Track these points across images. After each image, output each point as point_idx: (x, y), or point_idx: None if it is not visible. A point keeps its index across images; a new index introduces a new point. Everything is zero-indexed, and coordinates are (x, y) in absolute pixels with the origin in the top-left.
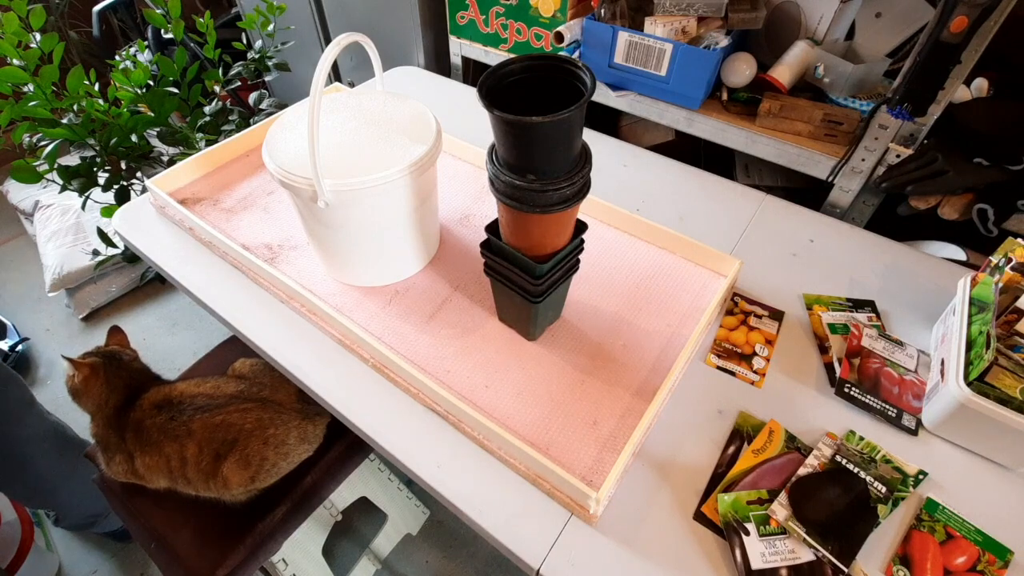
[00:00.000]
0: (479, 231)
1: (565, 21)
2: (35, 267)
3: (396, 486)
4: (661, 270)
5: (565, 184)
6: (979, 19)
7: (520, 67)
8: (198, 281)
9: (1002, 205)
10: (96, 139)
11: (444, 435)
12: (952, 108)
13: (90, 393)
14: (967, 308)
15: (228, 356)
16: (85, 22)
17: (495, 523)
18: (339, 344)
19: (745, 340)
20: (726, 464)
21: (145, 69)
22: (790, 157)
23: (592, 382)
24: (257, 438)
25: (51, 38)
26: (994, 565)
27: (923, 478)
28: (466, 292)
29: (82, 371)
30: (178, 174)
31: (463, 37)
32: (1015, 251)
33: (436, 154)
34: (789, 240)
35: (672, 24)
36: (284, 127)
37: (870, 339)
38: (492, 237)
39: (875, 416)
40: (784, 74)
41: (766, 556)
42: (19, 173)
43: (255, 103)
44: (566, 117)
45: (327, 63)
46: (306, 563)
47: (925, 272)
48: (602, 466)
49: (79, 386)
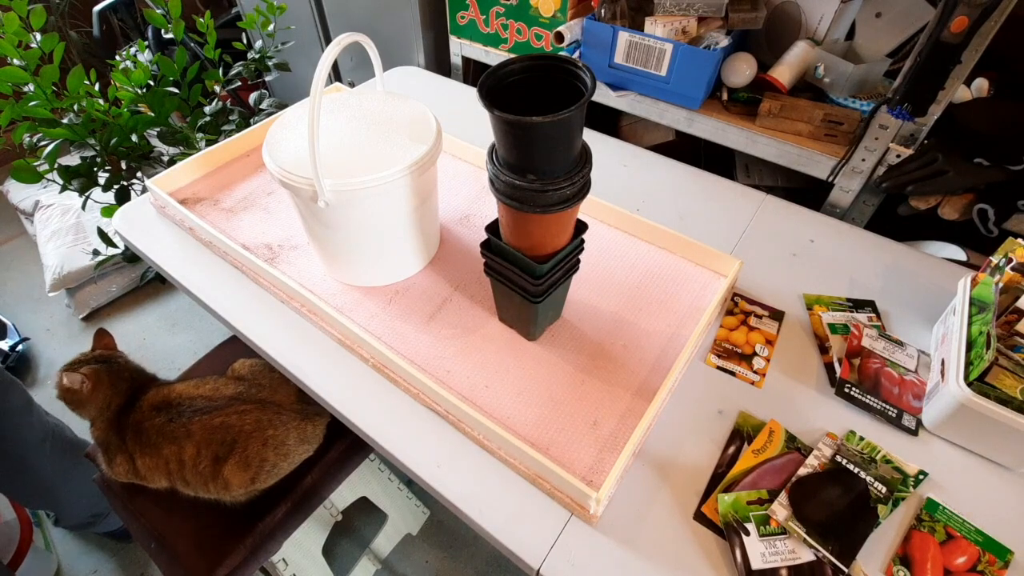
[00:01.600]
0: (479, 231)
1: (565, 21)
2: (35, 267)
3: (396, 486)
4: (661, 270)
5: (565, 184)
6: (979, 19)
7: (520, 67)
8: (198, 281)
9: (1002, 205)
10: (96, 139)
11: (444, 435)
12: (952, 108)
13: (94, 400)
14: (967, 308)
15: (228, 356)
16: (85, 22)
17: (495, 523)
18: (339, 344)
19: (745, 340)
20: (726, 464)
21: (145, 69)
22: (790, 157)
23: (592, 382)
24: (257, 439)
25: (51, 38)
26: (994, 565)
27: (923, 478)
28: (466, 292)
29: (90, 380)
30: (178, 174)
31: (463, 37)
32: (1015, 251)
33: (436, 154)
34: (789, 240)
35: (672, 24)
36: (284, 127)
37: (870, 339)
38: (492, 237)
39: (875, 416)
40: (784, 74)
41: (766, 556)
42: (19, 173)
43: (255, 103)
44: (566, 117)
45: (327, 63)
46: (306, 563)
47: (925, 272)
48: (602, 466)
49: (85, 396)
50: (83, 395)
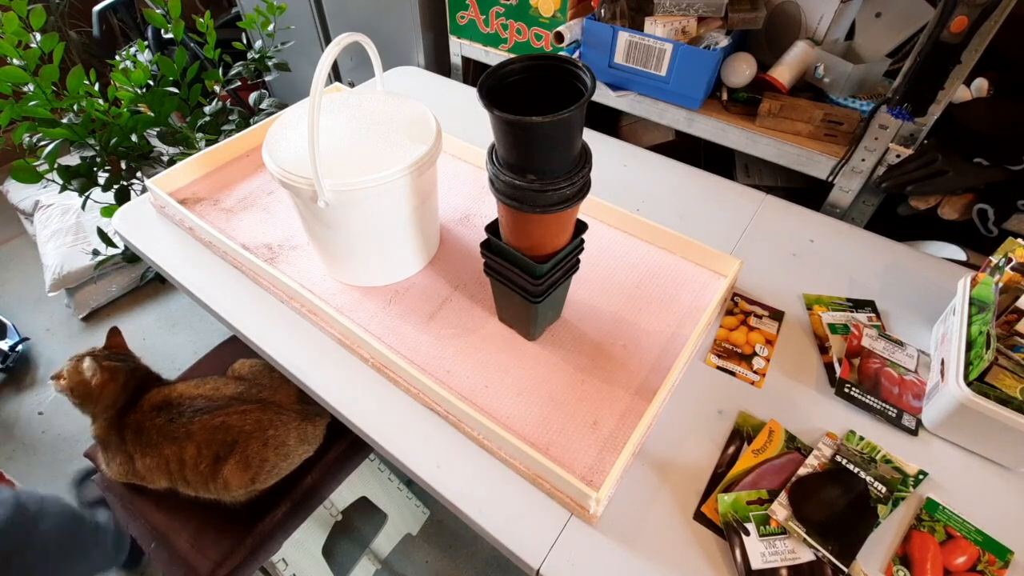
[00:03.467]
0: (479, 231)
1: (565, 21)
2: (35, 267)
3: (396, 486)
4: (661, 270)
5: (565, 184)
6: (979, 19)
7: (520, 67)
8: (198, 281)
9: (1002, 205)
10: (96, 139)
11: (444, 435)
12: (952, 108)
13: (103, 396)
14: (967, 308)
15: (228, 356)
16: (85, 22)
17: (495, 523)
18: (339, 344)
19: (745, 340)
20: (726, 464)
21: (145, 69)
22: (790, 157)
23: (592, 382)
24: (257, 439)
25: (51, 38)
26: (994, 565)
27: (923, 478)
28: (466, 292)
29: (107, 374)
30: (178, 174)
31: (463, 37)
32: (1015, 251)
33: (436, 154)
34: (789, 240)
35: (672, 24)
36: (284, 127)
37: (870, 339)
38: (492, 237)
39: (875, 416)
40: (784, 74)
41: (766, 556)
42: (19, 173)
43: (255, 103)
44: (566, 117)
45: (327, 63)
46: (306, 563)
47: (925, 272)
48: (602, 466)
49: (95, 390)
50: (92, 389)
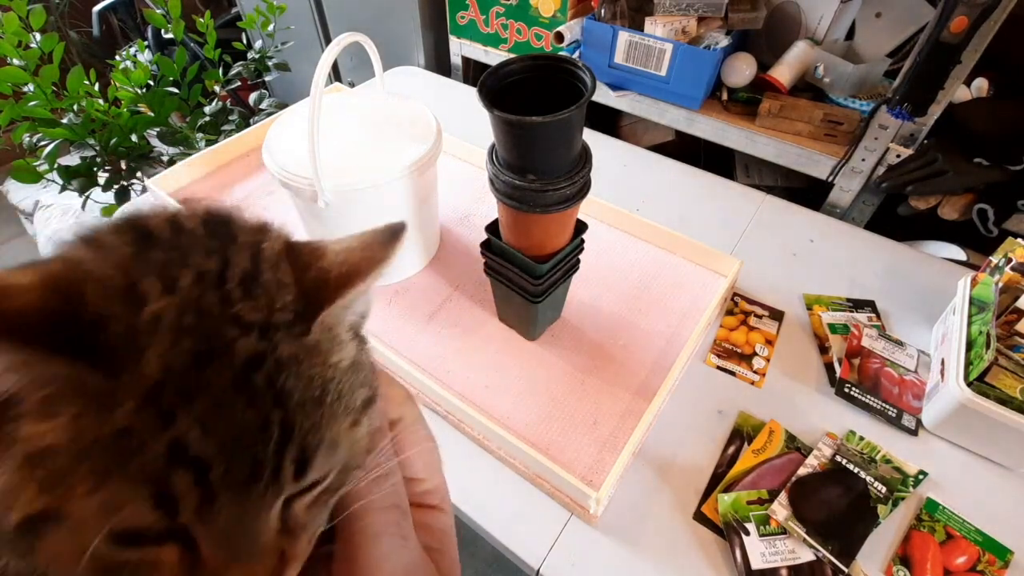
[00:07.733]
0: (479, 231)
1: (565, 21)
2: None
3: None
4: (661, 270)
5: (565, 184)
6: (979, 19)
7: (520, 67)
8: None
9: (1002, 205)
10: (96, 139)
11: (444, 435)
12: (952, 108)
13: None
14: (967, 308)
15: None
16: (85, 22)
17: (495, 523)
18: None
19: (745, 340)
20: (726, 464)
21: (145, 69)
22: (790, 157)
23: (592, 382)
24: None
25: (51, 38)
26: (994, 565)
27: (923, 478)
28: (466, 292)
29: None
30: (178, 174)
31: (463, 37)
32: (1015, 251)
33: (436, 154)
34: (789, 240)
35: (672, 24)
36: (284, 127)
37: (870, 339)
38: (492, 237)
39: (875, 416)
40: (784, 74)
41: (766, 556)
42: (19, 173)
43: (255, 103)
44: (566, 117)
45: (327, 63)
46: None
47: (925, 272)
48: (602, 466)
49: None
50: None
